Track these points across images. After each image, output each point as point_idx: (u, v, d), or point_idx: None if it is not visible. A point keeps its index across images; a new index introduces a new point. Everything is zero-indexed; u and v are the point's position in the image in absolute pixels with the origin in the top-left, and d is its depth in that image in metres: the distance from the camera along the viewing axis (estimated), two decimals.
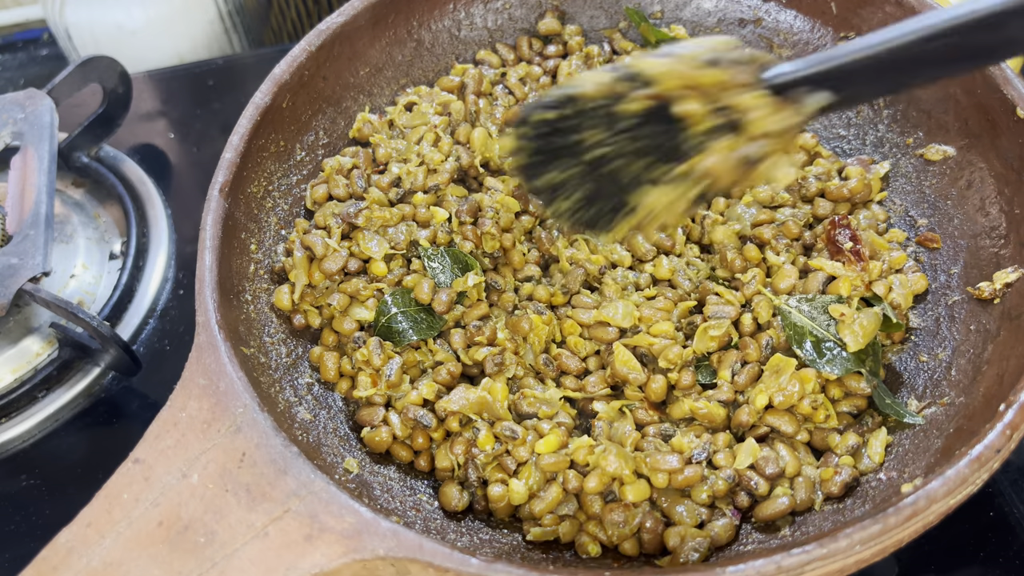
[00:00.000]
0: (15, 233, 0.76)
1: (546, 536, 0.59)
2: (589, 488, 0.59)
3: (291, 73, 0.72)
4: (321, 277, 0.69)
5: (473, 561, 0.48)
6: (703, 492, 0.59)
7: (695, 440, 0.61)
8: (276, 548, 0.49)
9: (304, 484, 0.51)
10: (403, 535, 0.49)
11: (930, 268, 0.68)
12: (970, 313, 0.64)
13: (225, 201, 0.65)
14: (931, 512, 0.48)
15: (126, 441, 0.54)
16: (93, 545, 0.50)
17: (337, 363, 0.67)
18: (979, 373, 0.60)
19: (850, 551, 0.47)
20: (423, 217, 0.72)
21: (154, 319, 0.86)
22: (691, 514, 0.58)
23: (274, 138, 0.72)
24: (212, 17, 1.25)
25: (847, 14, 0.76)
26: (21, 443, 0.78)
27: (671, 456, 0.59)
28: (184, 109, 1.07)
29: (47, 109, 0.85)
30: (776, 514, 0.58)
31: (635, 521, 0.58)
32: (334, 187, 0.73)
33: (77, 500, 0.52)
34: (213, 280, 0.60)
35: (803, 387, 0.61)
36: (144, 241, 0.90)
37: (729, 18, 0.82)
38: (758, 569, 0.46)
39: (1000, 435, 0.50)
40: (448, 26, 0.83)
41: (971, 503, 0.51)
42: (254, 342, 0.63)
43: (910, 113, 0.73)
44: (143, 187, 0.94)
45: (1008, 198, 0.65)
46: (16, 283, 0.73)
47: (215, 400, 0.54)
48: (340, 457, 0.61)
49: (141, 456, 0.53)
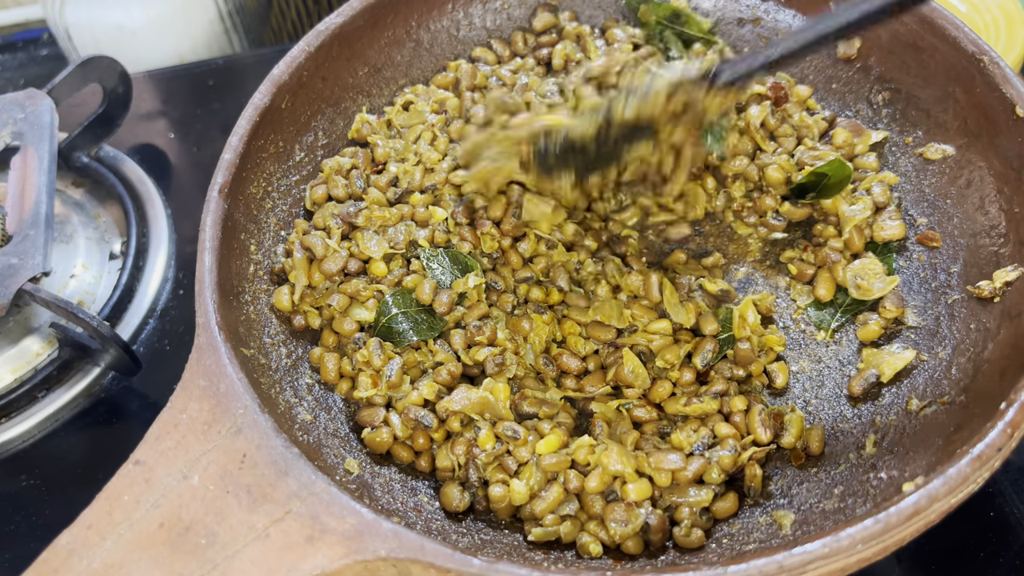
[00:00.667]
0: (15, 233, 0.76)
1: (548, 536, 0.59)
2: (590, 488, 0.59)
3: (290, 74, 0.72)
4: (321, 278, 0.69)
5: (475, 562, 0.48)
6: (713, 472, 0.60)
7: (692, 435, 0.61)
8: (277, 549, 0.49)
9: (305, 485, 0.51)
10: (404, 536, 0.49)
11: (930, 267, 0.68)
12: (970, 312, 0.64)
13: (224, 202, 0.65)
14: (932, 511, 0.48)
15: (126, 441, 0.54)
16: (94, 547, 0.50)
17: (337, 364, 0.67)
18: (979, 372, 0.60)
19: (852, 550, 0.47)
20: (422, 217, 0.72)
21: (154, 319, 0.86)
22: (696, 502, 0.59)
23: (273, 139, 0.72)
24: (212, 17, 1.24)
25: None
26: (21, 443, 0.78)
27: (673, 455, 0.59)
28: (184, 109, 1.07)
29: (47, 109, 0.85)
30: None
31: (637, 520, 0.58)
32: (333, 188, 0.73)
33: (77, 500, 0.51)
34: (213, 281, 0.60)
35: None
36: (144, 241, 0.90)
37: (728, 17, 0.82)
38: (760, 568, 0.46)
39: (1001, 434, 0.49)
40: (447, 26, 0.83)
41: (971, 503, 0.51)
42: (254, 343, 0.63)
43: (909, 112, 0.73)
44: (143, 187, 0.94)
45: (1007, 197, 0.65)
46: (16, 283, 0.73)
47: (215, 401, 0.54)
48: (341, 458, 0.61)
49: (142, 458, 0.53)
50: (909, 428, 0.60)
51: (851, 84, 0.77)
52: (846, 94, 0.77)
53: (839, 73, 0.78)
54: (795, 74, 0.80)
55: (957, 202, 0.69)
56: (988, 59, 0.65)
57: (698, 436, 0.61)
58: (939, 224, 0.69)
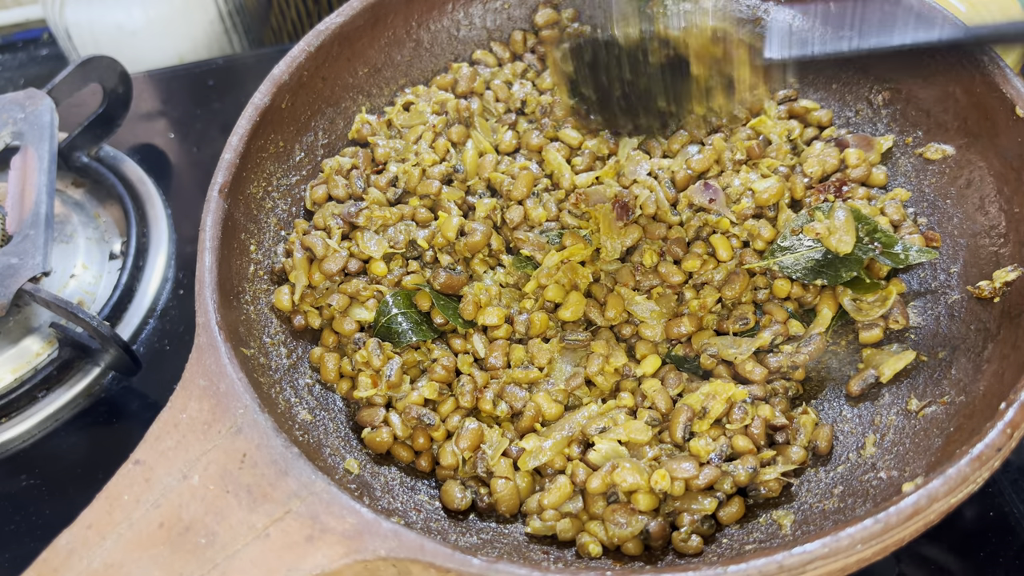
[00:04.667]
0: (15, 233, 0.76)
1: (545, 531, 0.59)
2: (592, 488, 0.59)
3: (290, 74, 0.72)
4: (321, 278, 0.69)
5: (475, 561, 0.48)
6: (725, 483, 0.59)
7: (711, 443, 0.60)
8: (277, 549, 0.49)
9: (305, 485, 0.51)
10: (404, 536, 0.49)
11: (930, 267, 0.68)
12: (970, 312, 0.64)
13: (225, 202, 0.65)
14: (932, 511, 0.48)
15: (126, 441, 0.55)
16: (94, 547, 0.50)
17: (337, 364, 0.67)
18: (979, 372, 0.60)
19: (851, 550, 0.47)
20: (423, 218, 0.72)
21: (154, 319, 0.86)
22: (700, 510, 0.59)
23: (273, 139, 0.72)
24: (212, 17, 1.24)
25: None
26: (21, 443, 0.78)
27: (687, 463, 0.58)
28: (184, 109, 1.07)
29: (47, 109, 0.85)
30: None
31: (638, 525, 0.58)
32: (333, 187, 0.73)
33: (77, 500, 0.52)
34: (213, 281, 0.60)
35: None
36: (144, 241, 0.90)
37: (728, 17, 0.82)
38: (760, 568, 0.46)
39: (1001, 434, 0.50)
40: (447, 26, 0.83)
41: (971, 503, 0.51)
42: (254, 343, 0.63)
43: (909, 112, 0.73)
44: (143, 187, 0.94)
45: (1007, 197, 0.65)
46: (16, 283, 0.73)
47: (215, 401, 0.54)
48: (341, 458, 0.61)
49: (142, 457, 0.53)
50: (909, 428, 0.60)
51: (851, 84, 0.77)
52: (846, 94, 0.77)
53: (839, 73, 0.77)
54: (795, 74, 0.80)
55: (957, 202, 0.69)
56: (988, 59, 0.65)
57: (716, 445, 0.60)
58: (939, 224, 0.69)
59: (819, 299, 0.67)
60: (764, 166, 0.73)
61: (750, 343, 0.65)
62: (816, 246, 0.67)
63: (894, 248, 0.67)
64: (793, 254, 0.67)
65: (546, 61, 0.78)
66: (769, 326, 0.66)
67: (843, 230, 0.66)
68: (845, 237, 0.66)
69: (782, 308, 0.67)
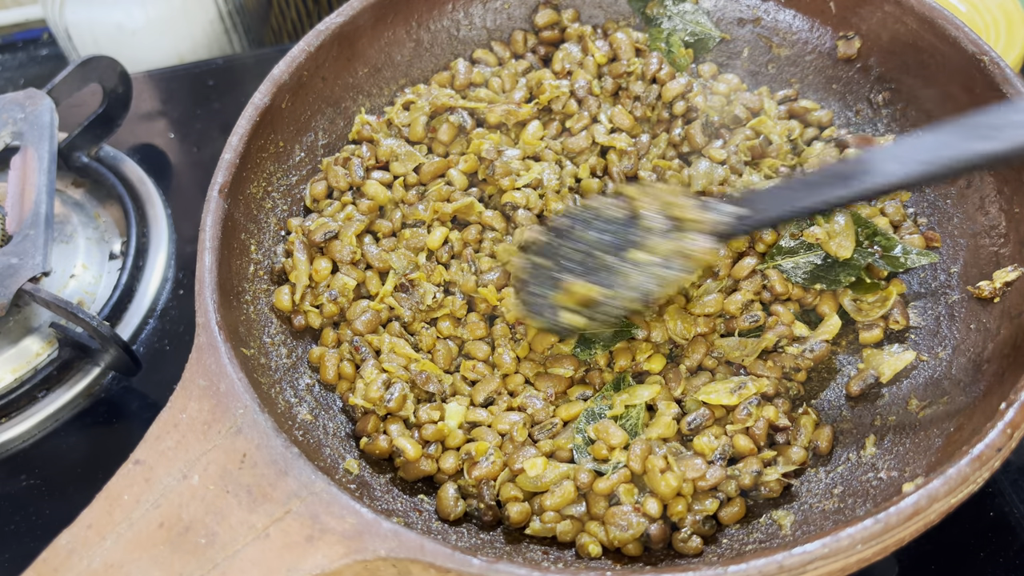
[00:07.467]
0: (15, 233, 0.76)
1: (544, 532, 0.59)
2: (598, 489, 0.59)
3: (290, 73, 0.72)
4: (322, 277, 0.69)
5: (475, 561, 0.48)
6: (729, 486, 0.60)
7: (713, 440, 0.60)
8: (277, 549, 0.49)
9: (305, 485, 0.51)
10: (404, 536, 0.49)
11: (930, 267, 0.68)
12: (970, 312, 0.64)
13: (224, 202, 0.65)
14: (932, 511, 0.48)
15: (126, 441, 0.54)
16: (94, 547, 0.50)
17: (337, 364, 0.67)
18: (979, 372, 0.60)
19: (851, 550, 0.47)
20: None
21: (154, 319, 0.86)
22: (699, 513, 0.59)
23: (273, 139, 0.72)
24: (212, 17, 1.25)
25: (846, 13, 0.76)
26: (21, 443, 0.78)
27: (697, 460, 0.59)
28: (184, 109, 1.07)
29: (47, 109, 0.85)
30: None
31: (639, 527, 0.57)
32: (333, 178, 0.73)
33: (77, 500, 0.51)
34: (213, 281, 0.60)
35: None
36: (144, 241, 0.90)
37: (728, 17, 0.82)
38: (760, 568, 0.46)
39: (1001, 434, 0.49)
40: (447, 26, 0.83)
41: (971, 503, 0.51)
42: (254, 343, 0.63)
43: (909, 112, 0.73)
44: (143, 187, 0.94)
45: (1007, 197, 0.65)
46: (16, 283, 0.73)
47: (215, 401, 0.54)
48: (341, 458, 0.61)
49: (142, 457, 0.53)
50: (909, 428, 0.60)
51: (851, 84, 0.77)
52: (846, 94, 0.77)
53: (839, 73, 0.78)
54: (795, 74, 0.80)
55: (957, 202, 0.69)
56: (988, 59, 0.65)
57: (719, 443, 0.60)
58: (939, 224, 0.69)
59: (819, 300, 0.67)
60: (765, 166, 0.73)
61: (755, 344, 0.65)
62: (816, 250, 0.67)
63: (894, 251, 0.67)
64: (793, 257, 0.67)
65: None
66: (774, 327, 0.66)
67: (842, 235, 0.66)
68: (844, 242, 0.66)
69: (788, 311, 0.67)
